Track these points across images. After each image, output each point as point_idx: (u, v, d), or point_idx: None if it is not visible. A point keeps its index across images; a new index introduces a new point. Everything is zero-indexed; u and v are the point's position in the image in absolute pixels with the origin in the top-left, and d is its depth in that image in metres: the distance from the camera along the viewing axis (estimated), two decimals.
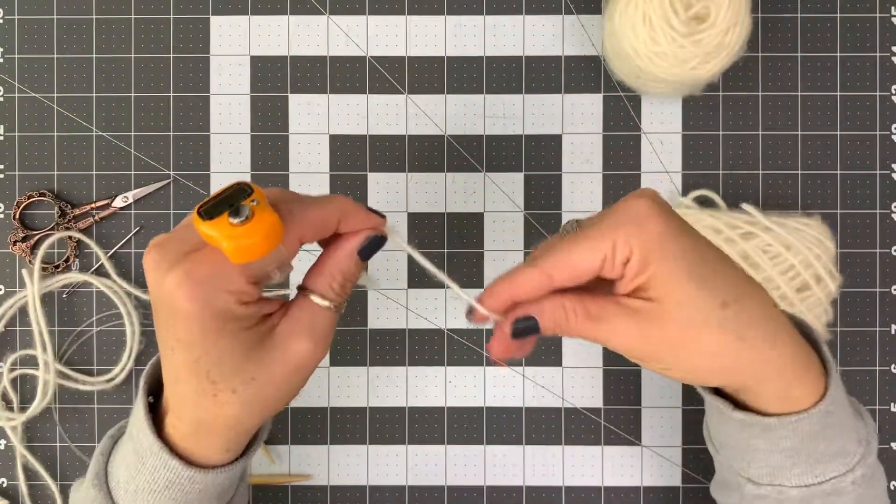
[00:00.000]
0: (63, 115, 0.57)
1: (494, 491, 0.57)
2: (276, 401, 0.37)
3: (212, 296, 0.34)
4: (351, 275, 0.38)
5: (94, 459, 0.41)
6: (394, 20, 0.57)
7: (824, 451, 0.39)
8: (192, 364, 0.35)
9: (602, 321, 0.36)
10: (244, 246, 0.32)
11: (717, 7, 0.49)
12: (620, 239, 0.35)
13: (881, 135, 0.57)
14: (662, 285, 0.35)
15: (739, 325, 0.36)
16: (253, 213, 0.32)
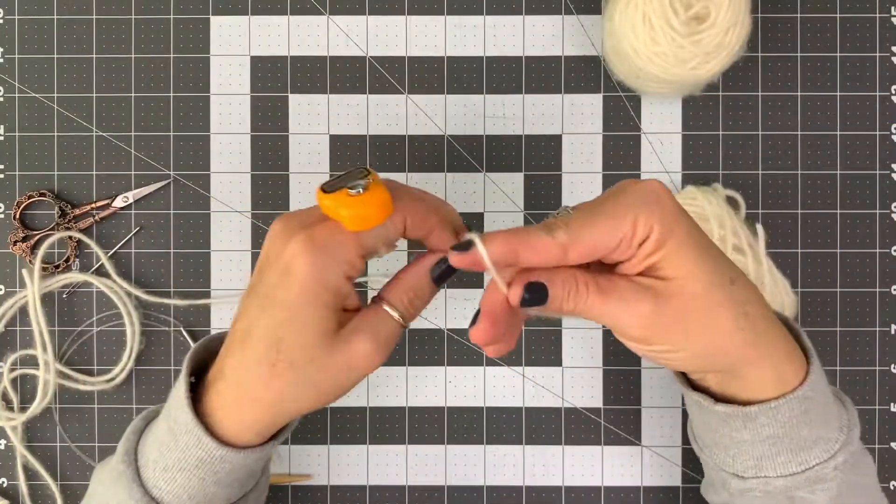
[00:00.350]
0: (63, 115, 0.57)
1: (494, 491, 0.57)
2: (322, 392, 0.38)
3: (327, 262, 0.37)
4: (422, 292, 0.40)
5: (124, 437, 0.42)
6: (394, 20, 0.57)
7: (807, 437, 0.39)
8: (273, 327, 0.37)
9: (614, 296, 0.36)
10: (359, 215, 0.37)
11: (717, 7, 0.49)
12: (642, 217, 0.35)
13: (881, 135, 0.57)
14: (679, 261, 0.36)
15: (744, 302, 0.37)
16: (368, 187, 0.37)
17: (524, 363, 0.57)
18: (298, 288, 0.37)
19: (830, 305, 0.57)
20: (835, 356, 0.56)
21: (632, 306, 0.36)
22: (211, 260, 0.57)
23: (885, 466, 0.57)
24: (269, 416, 0.39)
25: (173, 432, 0.39)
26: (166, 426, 0.40)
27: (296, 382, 0.38)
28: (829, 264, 0.57)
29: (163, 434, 0.40)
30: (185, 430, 0.38)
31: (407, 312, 0.39)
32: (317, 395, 0.39)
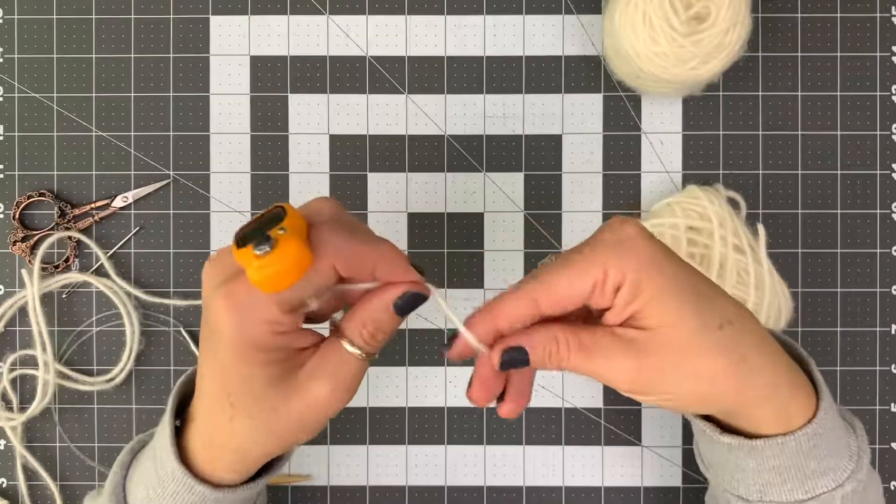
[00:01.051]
0: (63, 115, 0.57)
1: (494, 491, 0.57)
2: (289, 436, 0.37)
3: (248, 323, 0.34)
4: (384, 325, 0.36)
5: (112, 473, 0.41)
6: (394, 20, 0.57)
7: (814, 469, 0.38)
8: (219, 382, 0.36)
9: (597, 353, 0.35)
10: (268, 276, 0.32)
11: (717, 7, 0.49)
12: (612, 263, 0.34)
13: (881, 135, 0.57)
14: (657, 309, 0.34)
15: (738, 346, 0.35)
16: (276, 243, 0.32)
17: None
18: (228, 347, 0.35)
19: (830, 305, 0.57)
20: (835, 356, 0.56)
21: (614, 363, 0.35)
22: None
23: (885, 466, 0.56)
24: (241, 461, 0.38)
25: (160, 478, 0.38)
26: (153, 468, 0.39)
27: (257, 430, 0.36)
28: (829, 264, 0.57)
29: (150, 476, 0.39)
30: (172, 477, 0.38)
31: (367, 346, 0.36)
32: (282, 441, 0.37)
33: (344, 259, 0.34)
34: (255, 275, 0.32)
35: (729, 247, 0.51)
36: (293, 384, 0.36)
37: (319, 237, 0.34)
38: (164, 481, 0.38)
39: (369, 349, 0.36)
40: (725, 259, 0.51)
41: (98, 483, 0.56)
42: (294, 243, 0.32)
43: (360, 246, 0.35)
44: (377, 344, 0.37)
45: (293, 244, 0.32)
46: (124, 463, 0.41)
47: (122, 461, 0.41)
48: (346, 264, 0.34)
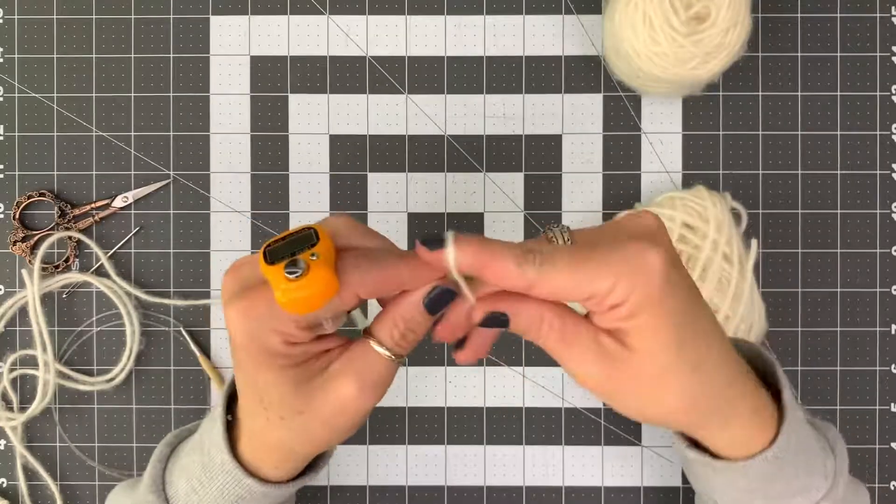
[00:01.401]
0: (63, 115, 0.57)
1: (494, 491, 0.57)
2: (323, 437, 0.37)
3: (260, 333, 0.34)
4: (416, 325, 0.36)
5: (150, 465, 0.42)
6: (394, 20, 0.57)
7: (783, 491, 0.38)
8: (249, 387, 0.37)
9: (573, 349, 0.35)
10: (295, 299, 0.32)
11: (717, 7, 0.49)
12: (623, 283, 0.33)
13: (881, 135, 0.57)
14: (644, 336, 0.34)
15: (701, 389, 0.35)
16: (308, 269, 0.32)
17: (524, 363, 0.57)
18: (244, 355, 0.35)
19: (830, 306, 0.57)
20: (835, 356, 0.56)
21: (586, 365, 0.35)
22: (211, 260, 0.57)
23: (885, 466, 0.56)
24: (284, 460, 0.38)
25: (208, 469, 0.39)
26: (199, 461, 0.39)
27: (291, 430, 0.36)
28: (829, 264, 0.57)
29: (195, 468, 0.40)
30: (221, 469, 0.38)
31: (398, 347, 0.36)
32: (321, 438, 0.37)
33: (368, 288, 0.34)
34: (282, 297, 0.32)
35: (718, 253, 0.51)
36: (317, 386, 0.36)
37: (345, 266, 0.34)
38: (211, 473, 0.39)
39: (399, 350, 0.36)
40: (710, 264, 0.51)
41: (98, 483, 0.56)
42: (325, 272, 0.32)
43: (383, 272, 0.35)
44: (407, 344, 0.36)
45: (324, 273, 0.32)
46: (163, 455, 0.42)
47: (160, 454, 0.42)
48: (371, 292, 0.35)
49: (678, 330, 0.34)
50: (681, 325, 0.34)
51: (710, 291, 0.50)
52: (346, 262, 0.34)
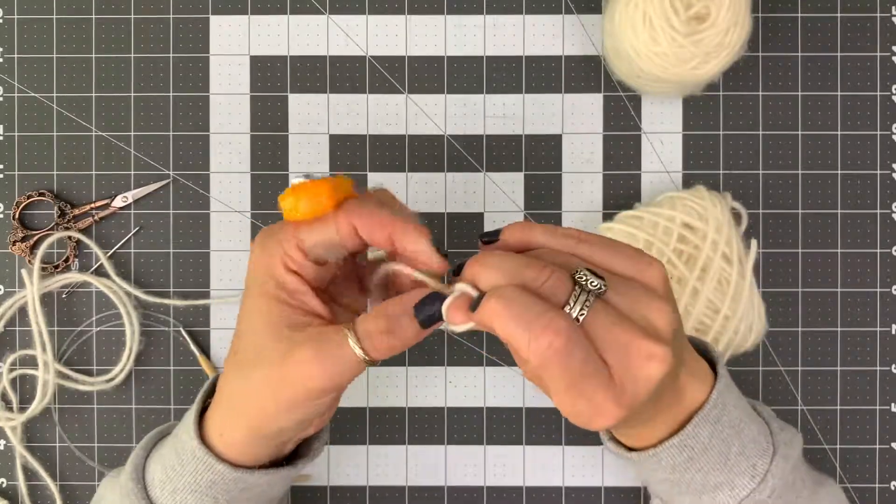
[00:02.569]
0: (63, 115, 0.57)
1: (494, 491, 0.57)
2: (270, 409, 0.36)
3: (268, 245, 0.37)
4: (401, 331, 0.35)
5: (134, 453, 0.42)
6: (394, 20, 0.57)
7: (703, 483, 0.39)
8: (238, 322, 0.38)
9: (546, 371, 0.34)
10: (292, 202, 0.36)
11: (717, 7, 0.49)
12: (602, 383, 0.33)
13: (881, 135, 0.57)
14: None
15: None
16: (311, 179, 0.37)
17: None
18: (250, 277, 0.38)
19: (830, 305, 0.57)
20: (835, 356, 0.56)
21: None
22: (210, 260, 0.57)
23: (885, 466, 0.56)
24: (247, 431, 0.38)
25: (179, 455, 0.39)
26: (173, 449, 0.40)
27: (262, 386, 0.36)
28: (829, 264, 0.57)
29: (168, 455, 0.40)
30: (192, 456, 0.39)
31: (373, 349, 0.35)
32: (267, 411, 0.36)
33: (363, 220, 0.36)
34: (284, 199, 0.36)
35: (718, 253, 0.51)
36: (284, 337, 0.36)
37: (354, 200, 0.37)
38: (183, 460, 0.39)
39: (374, 351, 0.35)
40: (710, 264, 0.51)
41: (98, 483, 0.56)
42: (323, 183, 0.37)
43: (382, 212, 0.37)
44: (385, 348, 0.35)
45: (322, 184, 0.37)
46: (147, 445, 0.43)
47: (145, 443, 0.43)
48: (364, 225, 0.36)
49: None
50: None
51: (710, 291, 0.50)
52: (357, 199, 0.37)
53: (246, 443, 0.38)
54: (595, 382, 0.32)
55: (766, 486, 0.39)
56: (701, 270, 0.51)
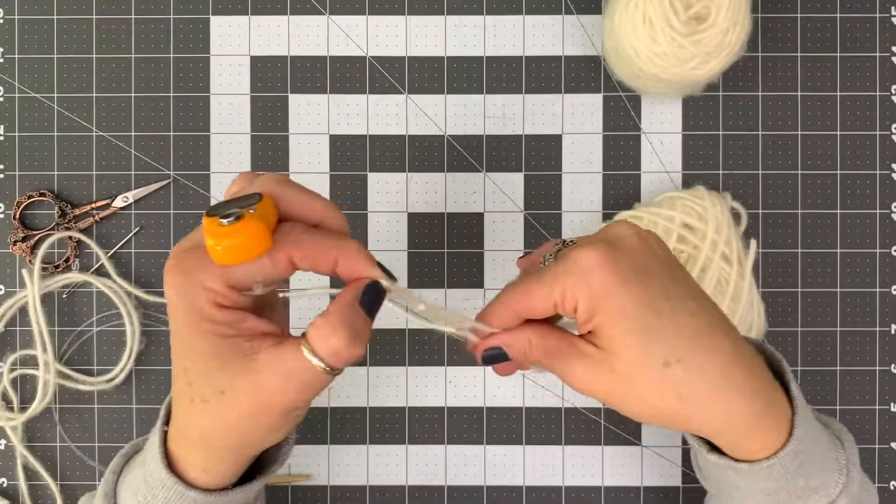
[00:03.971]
0: (63, 115, 0.57)
1: (494, 491, 0.57)
2: (244, 429, 0.35)
3: (189, 290, 0.34)
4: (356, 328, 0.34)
5: (104, 478, 0.41)
6: (394, 20, 0.57)
7: (804, 487, 0.38)
8: (178, 359, 0.35)
9: (558, 360, 0.38)
10: (225, 247, 0.32)
11: (717, 7, 0.49)
12: (568, 289, 0.36)
13: (881, 135, 0.57)
14: (607, 336, 0.36)
15: (679, 384, 0.36)
16: (241, 218, 0.32)
17: None
18: (175, 316, 0.34)
19: (830, 305, 0.57)
20: (835, 356, 0.56)
21: (573, 371, 0.37)
22: None
23: (885, 466, 0.57)
24: (203, 453, 0.37)
25: (149, 485, 0.38)
26: (142, 475, 0.38)
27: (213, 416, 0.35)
28: (829, 264, 0.57)
29: (139, 483, 0.38)
30: (161, 485, 0.37)
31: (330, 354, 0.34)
32: (239, 434, 0.35)
33: (303, 251, 0.34)
34: (212, 242, 0.32)
35: (717, 253, 0.51)
36: (242, 369, 0.34)
37: (283, 228, 0.34)
38: (153, 489, 0.37)
39: (333, 360, 0.34)
40: (709, 264, 0.51)
41: (98, 483, 0.56)
42: (258, 224, 0.33)
43: (321, 241, 0.35)
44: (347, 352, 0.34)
45: (257, 224, 0.33)
46: (116, 468, 0.41)
47: (114, 466, 0.41)
48: (305, 257, 0.34)
49: (637, 324, 0.35)
50: (639, 319, 0.35)
51: (709, 292, 0.50)
52: (285, 226, 0.34)
53: (214, 468, 0.37)
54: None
55: (853, 478, 0.39)
56: (700, 270, 0.51)
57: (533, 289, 0.37)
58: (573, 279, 0.36)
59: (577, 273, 0.36)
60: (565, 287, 0.36)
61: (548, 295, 0.37)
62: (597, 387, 0.37)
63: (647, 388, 0.36)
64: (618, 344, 0.36)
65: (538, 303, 0.37)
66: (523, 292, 0.38)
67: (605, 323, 0.36)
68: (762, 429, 0.37)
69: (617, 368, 0.36)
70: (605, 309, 0.36)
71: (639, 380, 0.36)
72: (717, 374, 0.36)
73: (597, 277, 0.36)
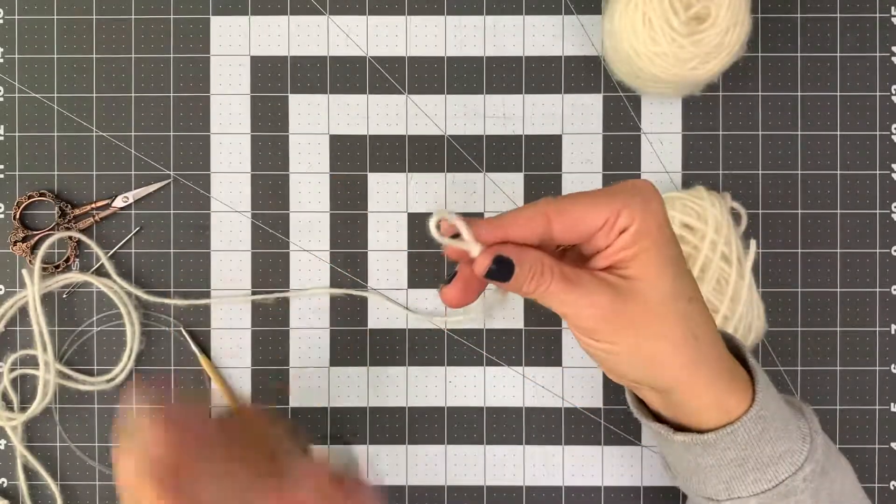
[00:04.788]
0: (63, 115, 0.57)
1: (494, 491, 0.57)
2: None
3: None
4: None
5: None
6: (394, 20, 0.57)
7: (771, 454, 0.39)
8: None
9: (577, 286, 0.36)
10: None
11: (717, 7, 0.49)
12: (628, 207, 0.36)
13: (881, 135, 0.57)
14: (645, 263, 0.36)
15: (696, 324, 0.37)
16: None
17: (524, 363, 0.57)
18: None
19: (830, 305, 0.57)
20: (835, 356, 0.56)
21: (591, 296, 0.36)
22: (211, 260, 0.57)
23: (885, 466, 0.57)
24: None
25: None
26: None
27: None
28: (829, 264, 0.57)
29: None
30: None
31: None
32: None
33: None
34: None
35: (717, 253, 0.51)
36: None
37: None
38: None
39: None
40: (709, 264, 0.51)
41: (98, 483, 0.57)
42: None
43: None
44: None
45: None
46: None
47: None
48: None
49: (672, 260, 0.37)
50: (673, 255, 0.37)
51: (709, 292, 0.50)
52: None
53: None
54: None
55: (816, 445, 0.40)
56: (700, 271, 0.51)
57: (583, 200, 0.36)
58: (635, 199, 0.36)
59: (641, 196, 0.36)
60: (625, 204, 0.35)
61: (604, 207, 0.35)
62: (617, 321, 0.36)
63: (673, 322, 0.36)
64: (656, 273, 0.36)
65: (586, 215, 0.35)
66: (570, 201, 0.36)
67: (650, 248, 0.36)
68: (736, 388, 0.39)
69: (649, 299, 0.36)
70: (655, 236, 0.36)
71: (667, 313, 0.36)
72: (713, 323, 0.38)
73: (656, 204, 0.36)
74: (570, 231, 0.36)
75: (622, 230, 0.36)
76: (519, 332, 0.57)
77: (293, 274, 0.57)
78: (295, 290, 0.57)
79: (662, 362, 0.37)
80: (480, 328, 0.57)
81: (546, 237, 0.36)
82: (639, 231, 0.36)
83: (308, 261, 0.57)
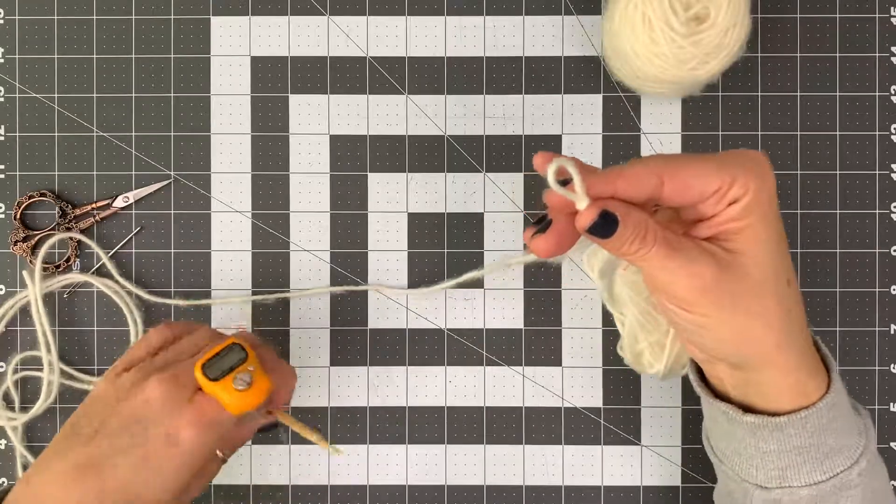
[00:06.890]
0: (63, 115, 0.57)
1: (494, 491, 0.57)
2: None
3: (211, 439, 0.41)
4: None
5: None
6: (394, 20, 0.57)
7: (832, 446, 0.39)
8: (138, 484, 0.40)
9: (680, 254, 0.35)
10: (243, 404, 0.41)
11: (717, 7, 0.49)
12: (743, 177, 0.34)
13: (881, 135, 0.57)
14: (752, 238, 0.35)
15: (791, 305, 0.37)
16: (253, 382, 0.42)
17: (524, 363, 0.57)
18: (182, 460, 0.40)
19: (830, 305, 0.57)
20: (835, 356, 0.57)
21: (694, 266, 0.35)
22: (211, 260, 0.57)
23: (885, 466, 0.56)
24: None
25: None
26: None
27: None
28: (829, 264, 0.57)
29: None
30: None
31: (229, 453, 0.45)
32: None
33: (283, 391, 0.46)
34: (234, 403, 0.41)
35: None
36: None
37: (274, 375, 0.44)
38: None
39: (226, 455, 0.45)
40: None
41: None
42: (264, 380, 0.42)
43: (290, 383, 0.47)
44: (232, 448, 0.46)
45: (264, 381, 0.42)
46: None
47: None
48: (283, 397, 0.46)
49: (779, 240, 0.36)
50: (781, 237, 0.36)
51: None
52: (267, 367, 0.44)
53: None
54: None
55: (871, 440, 0.40)
56: None
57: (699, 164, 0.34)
58: (752, 171, 0.34)
59: (758, 168, 0.35)
60: (740, 173, 0.34)
61: (715, 175, 0.34)
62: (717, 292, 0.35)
63: (771, 301, 0.36)
64: (763, 250, 0.35)
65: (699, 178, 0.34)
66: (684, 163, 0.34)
67: (758, 223, 0.35)
68: (816, 373, 0.38)
69: (752, 276, 0.35)
70: (765, 210, 0.35)
71: (766, 293, 0.36)
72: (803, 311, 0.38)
73: (770, 178, 0.35)
74: (679, 194, 0.35)
75: (733, 201, 0.35)
76: (519, 331, 0.57)
77: (293, 274, 0.57)
78: (295, 290, 0.57)
79: (756, 340, 0.36)
80: (480, 328, 0.57)
81: (654, 197, 0.35)
82: (750, 204, 0.34)
83: (308, 261, 0.57)
